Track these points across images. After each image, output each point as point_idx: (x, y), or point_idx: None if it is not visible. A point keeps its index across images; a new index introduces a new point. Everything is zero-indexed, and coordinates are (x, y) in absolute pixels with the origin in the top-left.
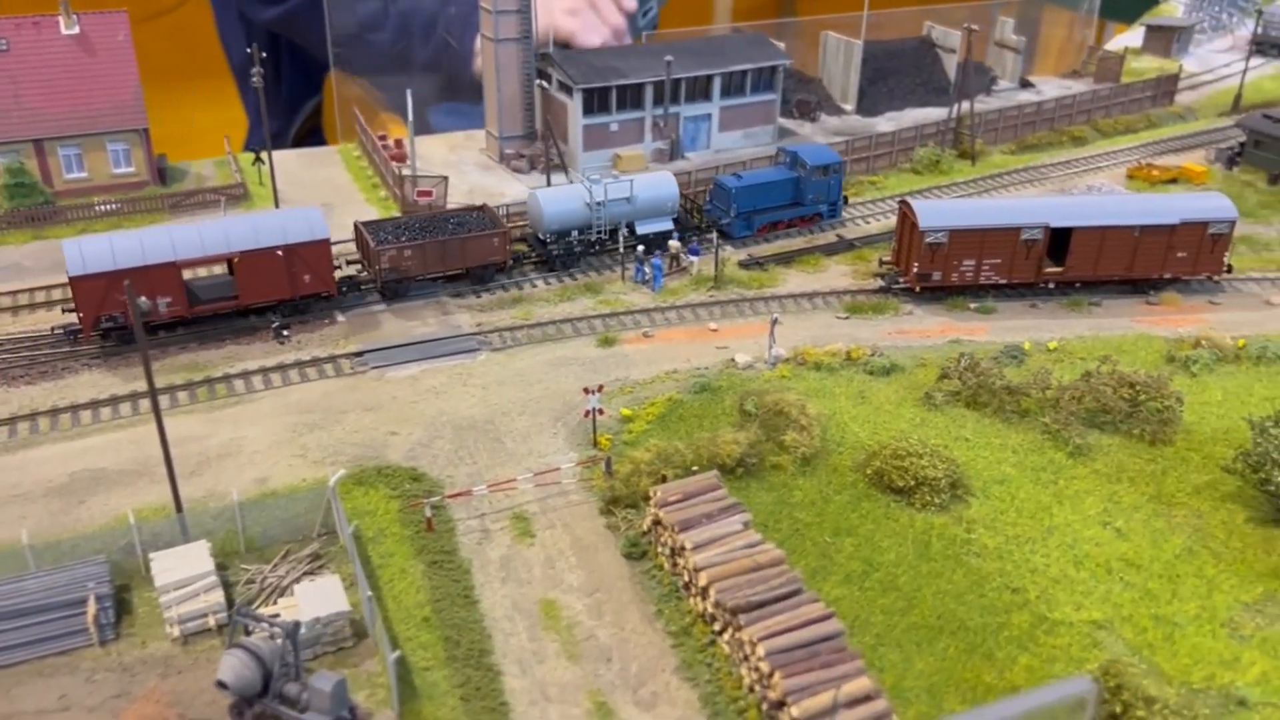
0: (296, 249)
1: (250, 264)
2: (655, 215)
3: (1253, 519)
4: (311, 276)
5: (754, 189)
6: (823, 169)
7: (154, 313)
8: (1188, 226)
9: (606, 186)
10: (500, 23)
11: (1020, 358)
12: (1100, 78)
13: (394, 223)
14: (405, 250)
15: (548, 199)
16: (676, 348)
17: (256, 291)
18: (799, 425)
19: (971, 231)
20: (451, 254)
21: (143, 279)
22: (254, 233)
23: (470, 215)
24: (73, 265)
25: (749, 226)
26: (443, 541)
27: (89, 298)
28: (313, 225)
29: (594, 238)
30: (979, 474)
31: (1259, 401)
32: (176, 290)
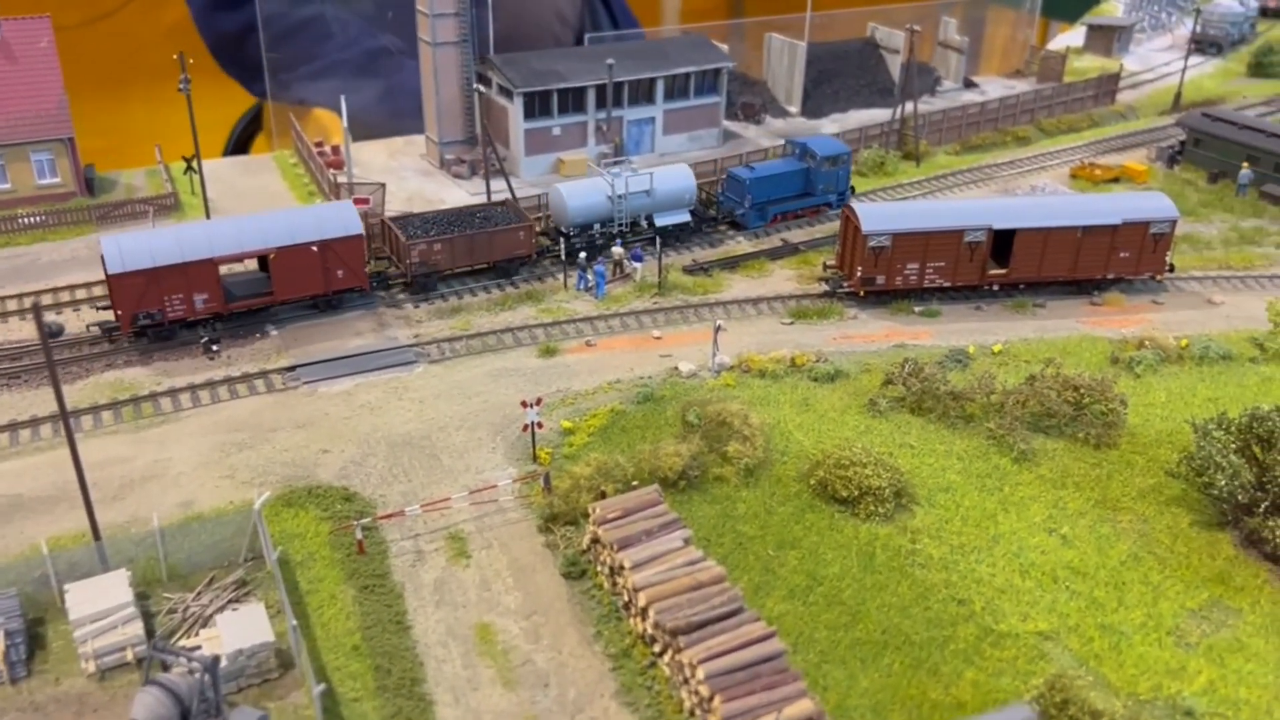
0: (331, 244)
1: (286, 259)
2: (673, 207)
3: (1197, 523)
4: (345, 271)
5: (767, 180)
6: (831, 159)
7: (189, 309)
8: (1130, 226)
9: (627, 180)
10: (437, 26)
11: (965, 361)
12: (1043, 77)
13: (421, 218)
14: (435, 244)
15: (571, 193)
16: (619, 357)
17: (291, 287)
18: (742, 435)
19: (915, 234)
20: (479, 248)
21: (180, 276)
22: (290, 228)
23: (495, 209)
24: (112, 263)
25: (763, 217)
26: (374, 564)
27: (127, 295)
28: (346, 220)
29: (615, 230)
30: (924, 482)
31: (1202, 403)
32: (213, 287)
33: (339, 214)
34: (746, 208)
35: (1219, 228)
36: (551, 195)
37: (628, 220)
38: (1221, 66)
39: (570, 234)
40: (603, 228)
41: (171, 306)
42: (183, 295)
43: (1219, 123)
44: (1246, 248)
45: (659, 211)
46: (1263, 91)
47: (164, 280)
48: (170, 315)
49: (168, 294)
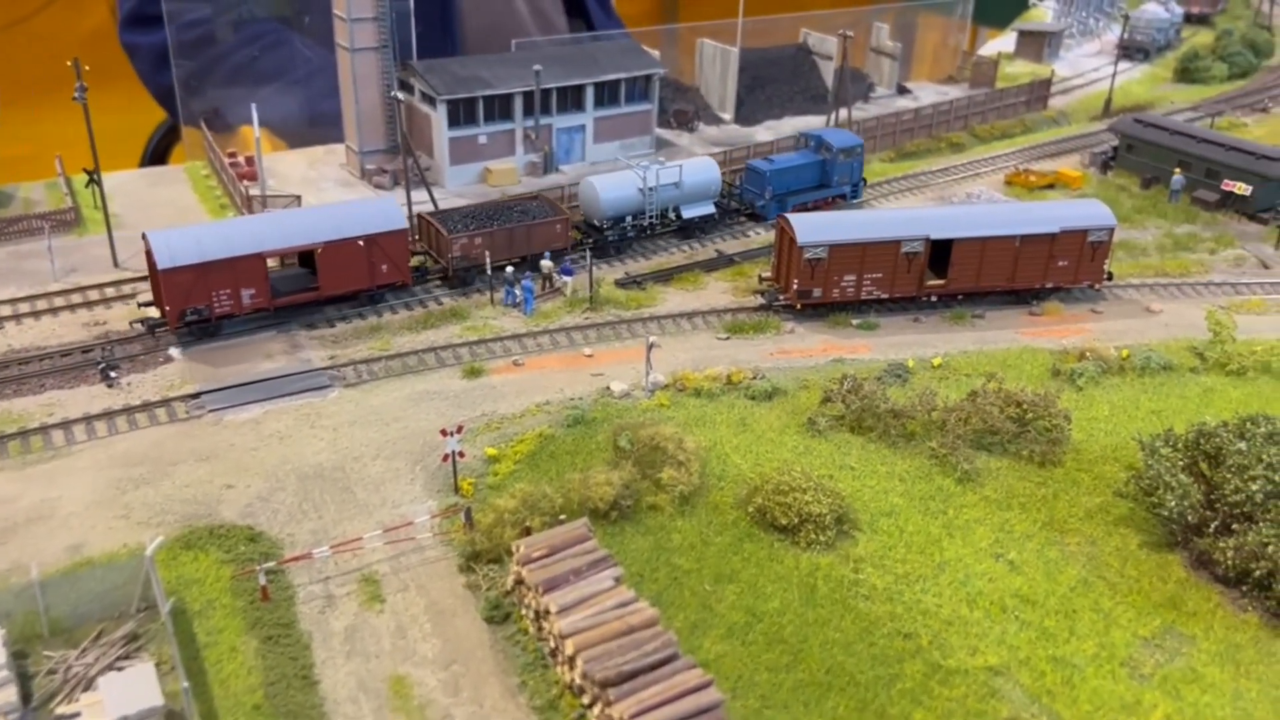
0: (376, 238)
1: (332, 254)
2: (700, 199)
3: (1146, 544)
4: (389, 266)
5: (786, 172)
6: (846, 151)
7: (237, 305)
8: (1068, 235)
9: (658, 172)
10: (356, 31)
11: (904, 376)
12: (975, 83)
13: (460, 211)
14: (476, 238)
15: (604, 185)
16: (549, 376)
17: (337, 282)
18: (676, 461)
19: (851, 246)
20: (518, 241)
21: (229, 270)
22: (336, 223)
23: (531, 204)
24: (161, 258)
25: (782, 208)
26: (279, 612)
27: (176, 291)
28: (390, 215)
29: (646, 222)
30: (865, 505)
31: (1146, 415)
32: (260, 282)
33: (383, 209)
34: (767, 199)
35: (1154, 234)
36: (583, 188)
37: (657, 212)
38: (1149, 72)
39: (603, 226)
40: (634, 220)
41: (219, 302)
42: (230, 290)
43: (1150, 128)
44: (1181, 254)
45: (686, 203)
46: (1190, 97)
47: (212, 275)
48: (218, 311)
49: (215, 289)
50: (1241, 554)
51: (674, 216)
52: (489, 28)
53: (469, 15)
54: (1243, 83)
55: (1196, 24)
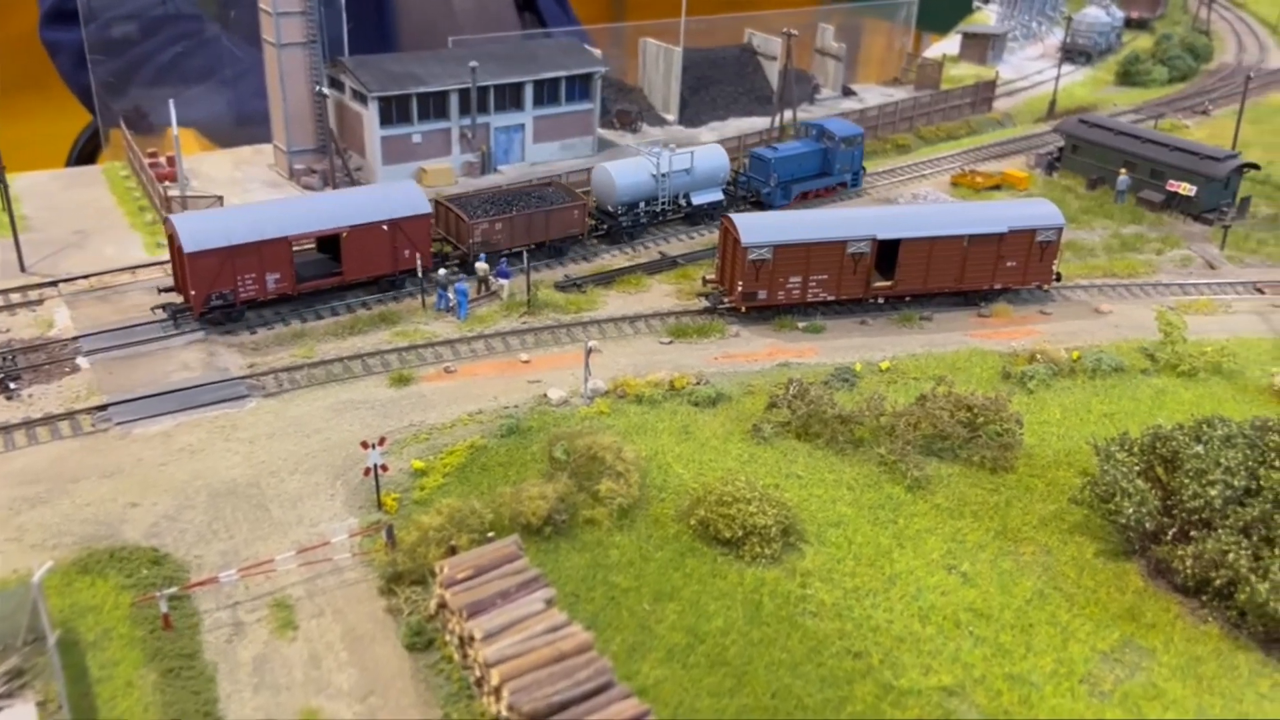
0: (400, 223)
1: (357, 239)
2: (710, 186)
3: (1102, 552)
4: (411, 251)
5: (790, 160)
6: (848, 140)
7: (261, 290)
8: (1016, 234)
9: (671, 158)
10: (282, 25)
11: (852, 380)
12: (920, 84)
13: (478, 197)
14: (496, 223)
15: (619, 172)
16: (482, 384)
17: (361, 267)
18: (615, 472)
19: (796, 246)
20: (536, 226)
21: (255, 254)
22: (361, 207)
23: (546, 190)
24: (187, 242)
25: (787, 195)
26: (182, 642)
27: (202, 275)
28: (413, 199)
29: (659, 208)
30: (813, 516)
31: (1098, 419)
32: (286, 266)
33: (406, 193)
34: (772, 186)
35: (1101, 234)
36: (598, 175)
37: (670, 198)
38: (1091, 75)
39: (618, 212)
40: (647, 205)
41: (244, 287)
42: (255, 275)
43: (1096, 129)
44: (1129, 254)
45: (697, 189)
46: (1131, 99)
47: (238, 259)
48: (242, 296)
49: (241, 274)
50: (1201, 562)
51: (684, 203)
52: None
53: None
54: (1182, 86)
55: (1136, 28)
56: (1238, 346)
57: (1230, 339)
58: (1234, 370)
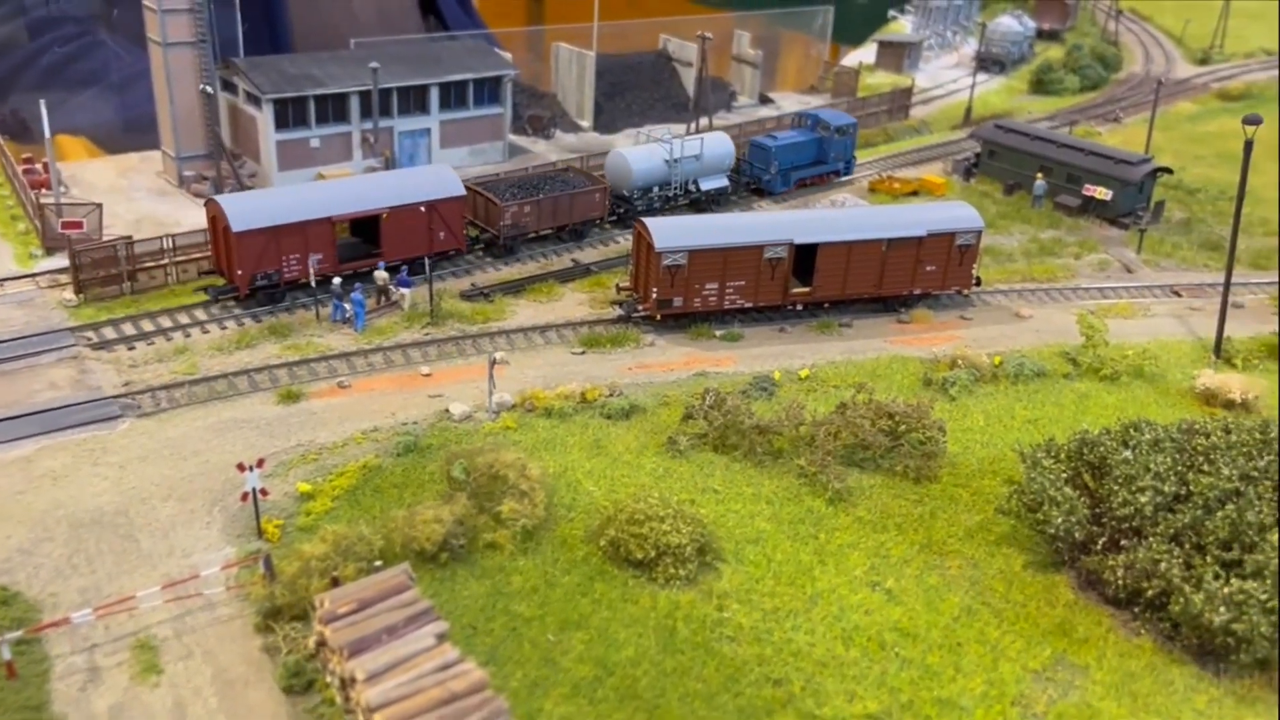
0: (437, 205)
1: (396, 220)
2: (716, 172)
3: (1031, 564)
4: (445, 233)
5: (789, 148)
6: (840, 130)
7: (304, 270)
8: (935, 238)
9: (682, 145)
10: (168, 23)
11: (771, 390)
12: (837, 92)
13: (505, 182)
14: (525, 206)
15: (634, 157)
16: (379, 399)
17: (399, 248)
18: (519, 491)
19: (712, 251)
20: (561, 210)
21: (299, 234)
22: (400, 189)
23: (565, 174)
24: (235, 221)
25: (786, 182)
26: (28, 692)
27: (248, 255)
28: (448, 182)
29: (671, 193)
30: (730, 533)
31: (1022, 425)
32: (329, 247)
33: (443, 176)
34: (773, 173)
35: (1019, 239)
36: (613, 160)
37: (681, 183)
38: (1005, 84)
39: (633, 196)
40: (660, 190)
41: (288, 267)
42: (299, 255)
43: (1012, 134)
44: (1047, 259)
45: (705, 175)
46: (1045, 107)
47: (284, 239)
48: (287, 276)
49: (286, 254)
50: (1132, 572)
51: (693, 188)
52: (325, 28)
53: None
54: (1094, 94)
55: (1048, 39)
56: (1158, 349)
57: (1151, 342)
58: (1156, 373)
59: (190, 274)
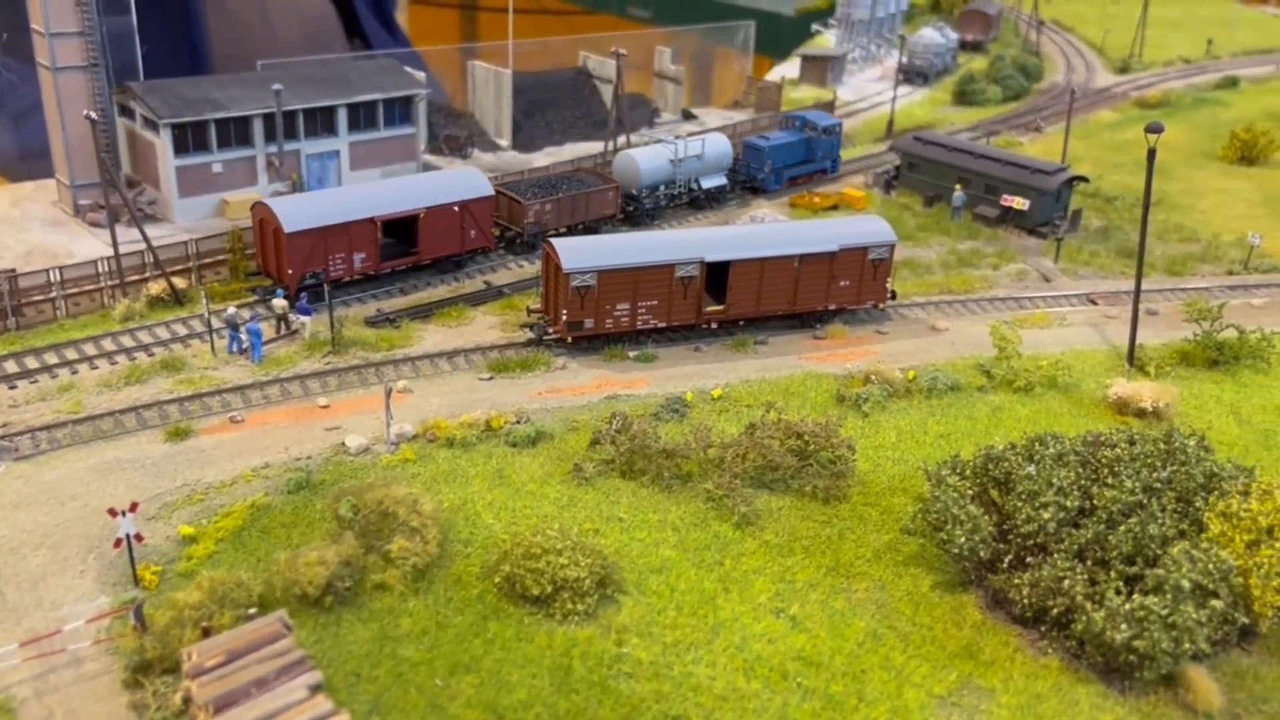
0: (468, 205)
1: (433, 219)
2: (716, 171)
3: (939, 584)
4: (476, 232)
5: (781, 148)
6: (827, 130)
7: (349, 269)
8: (848, 253)
9: (686, 145)
10: (57, 47)
11: (683, 411)
12: (761, 107)
13: (525, 183)
14: (546, 205)
15: (643, 158)
16: (273, 433)
17: (434, 246)
18: (409, 528)
19: (622, 271)
20: (579, 207)
21: (344, 234)
22: (434, 190)
23: (578, 175)
24: (287, 222)
25: (779, 180)
26: None
27: (298, 254)
28: (478, 184)
29: (675, 191)
30: (634, 562)
31: (934, 440)
32: (371, 246)
33: (472, 178)
34: (767, 172)
35: (937, 251)
36: (622, 161)
37: (684, 182)
38: (929, 95)
39: (641, 195)
40: (666, 189)
41: (334, 266)
42: (344, 255)
43: (931, 146)
44: (965, 270)
45: (706, 174)
46: (967, 119)
47: (330, 239)
48: (332, 274)
49: (332, 253)
50: (1037, 590)
51: (695, 187)
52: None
53: (220, 37)
54: (1016, 105)
55: (971, 50)
56: (1073, 359)
57: (1065, 351)
58: (1069, 384)
59: (82, 306)
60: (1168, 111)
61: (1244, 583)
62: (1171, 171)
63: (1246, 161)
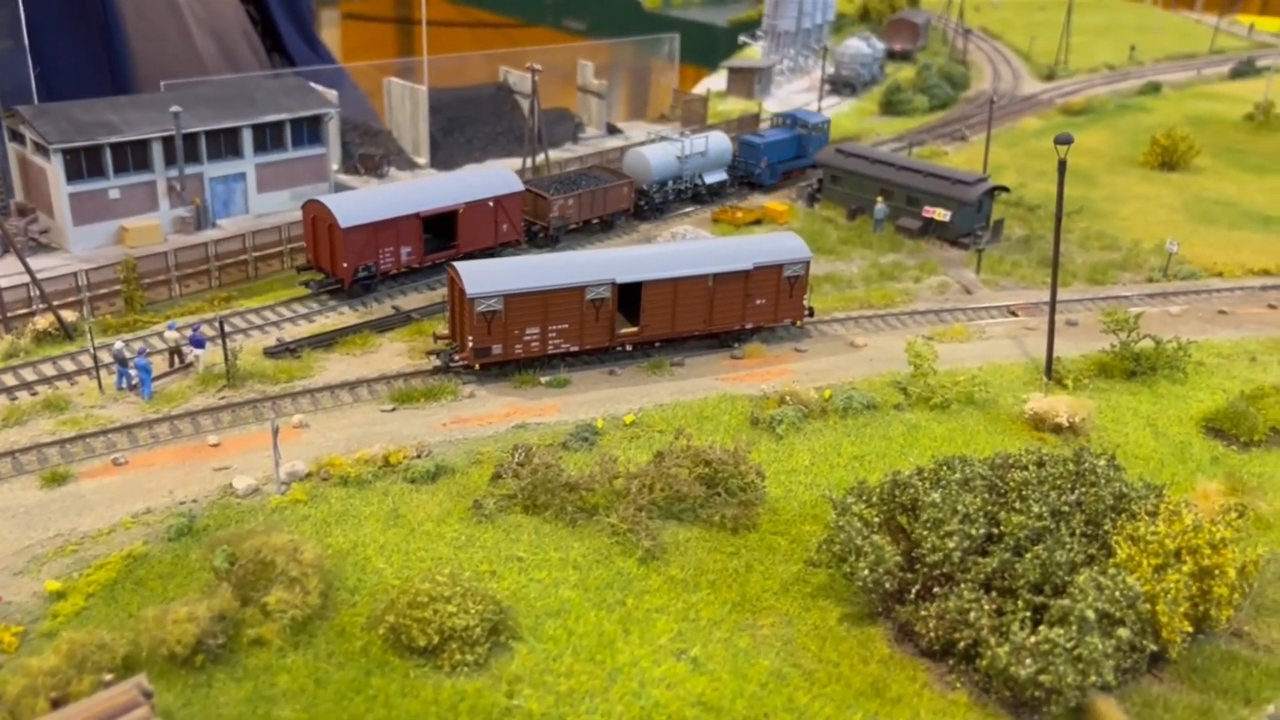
0: (502, 200)
1: (471, 213)
2: (717, 167)
3: (846, 617)
4: (508, 225)
5: (776, 145)
6: (816, 128)
7: (397, 262)
8: (763, 271)
9: (691, 143)
10: None
11: (592, 439)
12: (687, 120)
13: (547, 180)
14: (569, 200)
15: (653, 154)
16: (158, 475)
17: (472, 239)
18: (289, 578)
19: (530, 295)
20: (597, 202)
21: (393, 229)
22: (471, 187)
23: (594, 172)
24: (343, 218)
25: (774, 175)
26: None
27: (354, 249)
28: (510, 180)
29: (682, 186)
30: (531, 605)
31: (848, 462)
32: (417, 240)
33: (504, 175)
34: (763, 168)
35: (859, 265)
36: (632, 158)
37: (690, 177)
38: (856, 106)
39: (651, 191)
40: (674, 184)
41: (384, 259)
42: (393, 249)
43: (853, 158)
44: (886, 284)
45: (708, 170)
46: (894, 129)
47: (381, 234)
48: (382, 268)
49: (382, 247)
50: (943, 623)
51: (699, 182)
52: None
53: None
54: (943, 113)
55: (900, 60)
56: (991, 373)
57: (984, 365)
58: (986, 399)
59: None
60: (1092, 118)
61: (1151, 609)
62: (1095, 178)
63: (1167, 167)
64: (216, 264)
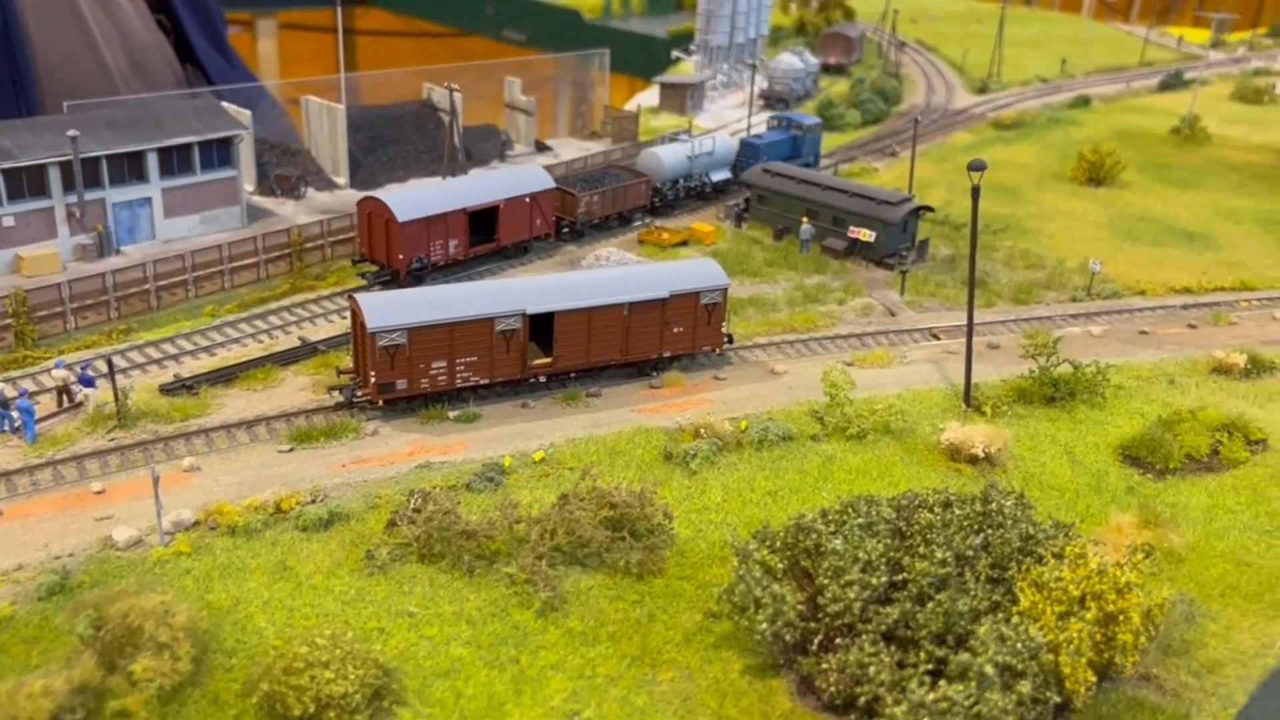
0: (537, 196)
1: (510, 209)
2: (722, 166)
3: (749, 669)
4: (541, 220)
5: (774, 145)
6: (810, 129)
7: (445, 254)
8: (679, 299)
9: (700, 143)
10: None
11: (498, 479)
12: (618, 137)
13: (573, 177)
14: (594, 196)
15: (666, 154)
16: (33, 527)
17: (510, 233)
18: (157, 644)
19: (435, 328)
20: (619, 199)
21: (443, 223)
22: (508, 184)
23: (614, 170)
24: (400, 213)
25: None
26: None
27: (409, 242)
28: (542, 178)
29: (692, 184)
30: (420, 665)
31: (761, 498)
32: (463, 234)
33: (538, 173)
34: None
35: (784, 287)
36: (646, 158)
37: (699, 175)
38: None
39: (664, 188)
40: (684, 182)
41: (434, 251)
42: (442, 241)
43: (779, 177)
44: (811, 306)
45: (714, 169)
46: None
47: (433, 228)
48: (432, 260)
49: (433, 240)
50: (844, 676)
51: (706, 180)
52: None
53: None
54: (875, 128)
55: (835, 74)
56: (910, 400)
57: (903, 393)
58: (904, 428)
59: None
60: (1022, 132)
61: (1054, 659)
62: (1023, 194)
63: (1094, 182)
64: (116, 294)
